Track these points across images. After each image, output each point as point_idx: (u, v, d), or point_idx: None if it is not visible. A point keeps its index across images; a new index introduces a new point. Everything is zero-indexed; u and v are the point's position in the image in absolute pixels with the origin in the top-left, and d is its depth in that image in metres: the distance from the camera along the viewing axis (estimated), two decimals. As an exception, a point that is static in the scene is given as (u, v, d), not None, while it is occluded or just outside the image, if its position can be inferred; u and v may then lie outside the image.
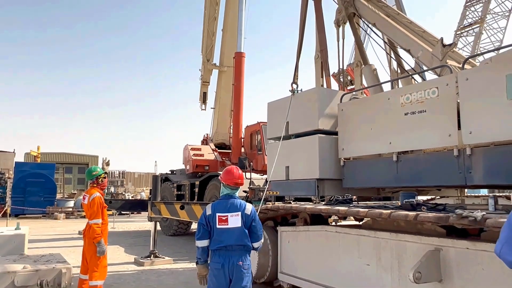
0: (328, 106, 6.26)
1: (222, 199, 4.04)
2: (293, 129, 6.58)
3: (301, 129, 6.43)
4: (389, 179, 5.30)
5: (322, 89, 6.89)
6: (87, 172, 5.95)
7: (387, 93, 5.85)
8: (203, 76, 19.43)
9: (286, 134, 6.65)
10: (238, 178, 4.05)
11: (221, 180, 4.10)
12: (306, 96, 6.54)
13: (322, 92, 6.53)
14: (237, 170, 4.11)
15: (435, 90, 4.69)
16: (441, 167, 4.65)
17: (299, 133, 6.50)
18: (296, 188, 6.45)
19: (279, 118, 6.81)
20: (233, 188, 4.04)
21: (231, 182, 4.03)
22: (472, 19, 29.85)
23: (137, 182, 51.05)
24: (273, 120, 7.07)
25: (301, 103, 6.53)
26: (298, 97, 6.67)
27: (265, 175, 10.75)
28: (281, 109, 6.80)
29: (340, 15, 7.67)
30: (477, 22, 29.37)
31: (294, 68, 7.76)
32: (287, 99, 6.78)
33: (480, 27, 29.10)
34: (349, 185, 5.95)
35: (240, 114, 14.96)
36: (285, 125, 6.61)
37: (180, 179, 15.08)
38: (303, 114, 6.43)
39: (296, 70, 7.71)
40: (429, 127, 4.73)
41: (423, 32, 6.55)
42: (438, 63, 5.62)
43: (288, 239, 6.19)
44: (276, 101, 7.11)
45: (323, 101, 6.26)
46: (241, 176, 4.09)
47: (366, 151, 5.60)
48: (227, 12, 16.77)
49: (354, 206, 5.16)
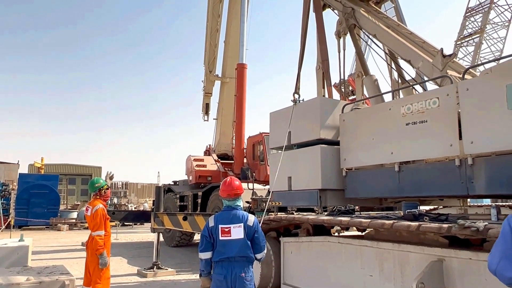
0: (330, 116, 6.28)
1: (224, 210, 4.03)
2: (295, 138, 6.59)
3: (303, 138, 6.44)
4: (391, 189, 5.29)
5: (323, 98, 6.92)
6: (90, 184, 5.94)
7: (388, 103, 5.87)
8: (205, 87, 19.53)
9: (288, 144, 6.67)
10: (236, 189, 4.02)
11: (220, 193, 4.09)
12: (308, 105, 6.57)
13: (324, 102, 6.55)
14: (234, 180, 4.09)
15: (436, 100, 4.71)
16: (443, 177, 4.65)
17: (301, 143, 6.52)
18: (299, 199, 6.44)
19: (281, 127, 6.83)
20: (233, 199, 4.02)
21: (230, 193, 4.01)
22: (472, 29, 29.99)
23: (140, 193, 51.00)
24: (276, 130, 7.09)
25: (303, 112, 6.56)
26: (300, 106, 6.69)
27: (268, 185, 10.75)
28: (283, 118, 6.83)
29: (341, 27, 7.73)
30: (477, 32, 29.48)
31: (296, 78, 7.80)
32: (289, 108, 6.80)
33: (480, 37, 29.20)
34: (351, 195, 5.94)
35: (243, 124, 14.99)
36: (287, 135, 6.63)
37: (183, 190, 15.07)
38: (305, 123, 6.45)
39: (298, 80, 7.75)
40: (431, 137, 4.73)
41: (423, 42, 6.59)
42: (438, 74, 5.65)
43: (291, 250, 6.16)
44: (278, 111, 7.14)
45: (325, 110, 6.29)
46: (239, 187, 4.05)
47: (368, 161, 5.60)
48: (229, 24, 16.93)
49: (357, 216, 5.15)
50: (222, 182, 4.12)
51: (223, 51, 17.73)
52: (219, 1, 17.65)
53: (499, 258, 2.02)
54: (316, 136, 6.17)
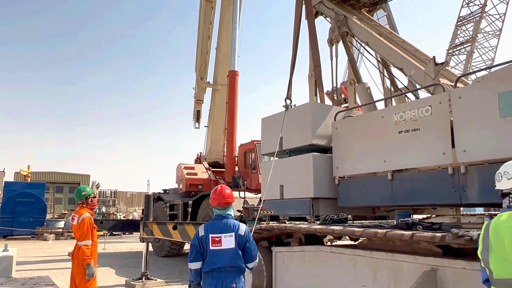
0: (322, 121, 6.31)
1: (215, 219, 3.99)
2: (287, 144, 6.60)
3: (295, 144, 6.45)
4: (384, 198, 5.30)
5: (315, 103, 6.95)
6: (76, 192, 5.82)
7: (381, 111, 5.90)
8: (196, 94, 19.54)
9: (280, 150, 6.67)
10: (227, 197, 3.98)
11: (210, 202, 4.06)
12: (300, 111, 6.59)
13: (316, 107, 6.57)
14: (225, 189, 4.06)
15: (429, 108, 4.75)
16: (436, 186, 4.67)
17: (293, 148, 6.53)
18: (291, 208, 6.42)
19: (273, 133, 6.84)
20: (224, 208, 3.98)
21: (220, 202, 3.97)
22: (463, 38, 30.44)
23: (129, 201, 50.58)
24: (267, 136, 7.09)
25: (295, 118, 6.57)
26: (292, 112, 6.71)
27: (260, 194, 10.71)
28: (275, 124, 6.84)
29: (333, 34, 7.79)
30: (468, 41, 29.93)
31: (288, 84, 7.82)
32: (281, 114, 6.82)
33: (471, 46, 29.64)
34: (344, 204, 5.94)
35: (234, 132, 14.97)
36: (279, 140, 6.64)
37: (173, 199, 14.98)
38: (297, 129, 6.46)
39: (289, 86, 7.78)
40: (423, 145, 4.76)
41: (415, 51, 6.66)
42: (430, 82, 5.70)
43: (283, 260, 6.12)
44: (270, 116, 7.15)
45: (317, 115, 6.31)
46: (229, 195, 4.02)
47: (361, 170, 5.61)
48: (221, 31, 16.98)
49: (349, 225, 5.13)
50: (213, 191, 4.09)
51: (214, 58, 17.77)
52: (211, 7, 17.74)
53: None
54: (308, 142, 6.18)
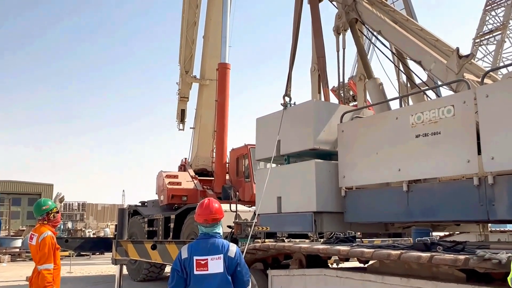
0: (326, 122, 6.34)
1: (200, 239, 3.95)
2: (286, 148, 6.61)
3: (295, 148, 6.47)
4: (399, 213, 5.31)
5: (318, 101, 6.96)
6: (36, 207, 5.68)
7: (395, 111, 5.93)
8: (180, 90, 19.47)
9: (277, 154, 6.68)
10: (215, 213, 3.94)
11: (195, 218, 4.02)
12: (300, 110, 6.61)
13: (319, 105, 6.59)
14: (213, 202, 4.02)
15: (451, 109, 4.76)
16: (459, 199, 4.68)
17: (292, 153, 6.54)
18: (290, 223, 6.42)
19: (269, 136, 6.86)
20: (211, 225, 3.94)
21: (207, 218, 3.93)
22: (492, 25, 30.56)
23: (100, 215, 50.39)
24: (263, 138, 7.11)
25: (295, 118, 6.59)
26: (291, 111, 6.73)
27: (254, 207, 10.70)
28: (271, 125, 6.86)
29: (340, 21, 7.79)
30: (498, 29, 30.01)
31: (287, 78, 7.84)
32: (278, 113, 6.84)
33: (502, 34, 29.71)
34: (352, 220, 5.95)
35: (225, 135, 14.97)
36: (276, 144, 6.65)
37: (152, 213, 14.93)
38: (296, 130, 6.48)
39: (289, 80, 7.79)
40: (445, 151, 4.77)
41: (436, 41, 6.68)
42: (453, 77, 5.72)
43: (280, 285, 6.12)
44: (266, 116, 7.17)
45: (320, 115, 6.33)
46: (218, 210, 3.98)
47: (372, 180, 5.62)
48: (209, 16, 16.95)
49: (358, 245, 5.13)
50: (199, 205, 4.05)
51: (202, 48, 17.76)
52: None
53: None
54: (309, 146, 6.20)
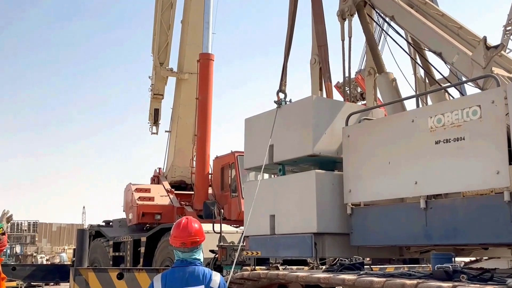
0: (328, 122, 6.35)
1: (177, 266, 3.99)
2: (280, 154, 6.63)
3: (291, 154, 6.48)
4: (416, 234, 5.33)
5: (319, 98, 6.98)
6: None
7: (410, 112, 5.95)
8: (154, 86, 19.41)
9: (270, 162, 6.69)
10: (194, 235, 3.97)
11: (171, 241, 4.06)
12: (298, 108, 6.63)
13: (320, 103, 6.60)
14: (192, 222, 4.05)
15: (477, 110, 4.79)
16: (487, 217, 4.70)
17: (288, 160, 6.55)
18: (285, 247, 6.42)
19: (260, 140, 6.87)
20: (190, 249, 3.97)
21: (185, 240, 3.96)
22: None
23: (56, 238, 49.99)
24: (252, 143, 7.11)
25: (291, 118, 6.63)
26: (286, 110, 6.76)
27: (242, 227, 10.71)
28: (263, 127, 6.88)
29: (346, 4, 7.84)
30: (535, 14, 30.20)
31: (282, 70, 7.86)
32: (271, 113, 6.86)
33: (540, 20, 29.91)
34: (359, 243, 5.96)
35: (207, 139, 14.99)
36: (269, 149, 6.66)
37: (119, 234, 14.89)
38: (293, 133, 6.50)
39: (284, 73, 7.82)
40: (470, 161, 4.80)
41: (459, 28, 6.75)
42: (480, 72, 5.77)
43: (274, 322, 6.12)
44: (257, 116, 7.20)
45: (321, 114, 6.35)
46: (198, 231, 4.01)
47: (383, 194, 5.64)
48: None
49: (366, 273, 5.15)
50: (175, 225, 4.09)
51: (179, 36, 17.76)
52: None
53: None
54: (308, 151, 6.21)
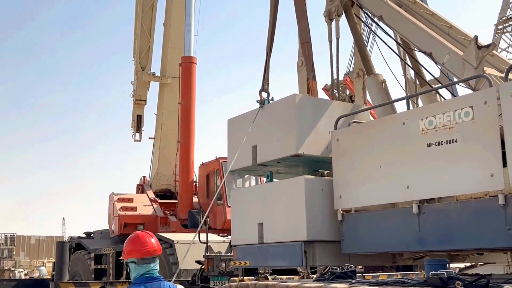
0: (313, 121, 6.38)
1: (140, 282, 4.02)
2: (263, 155, 6.65)
3: (274, 155, 6.49)
4: (409, 240, 5.33)
5: (303, 96, 6.99)
6: None
7: (401, 115, 5.97)
8: (136, 91, 19.40)
9: (253, 164, 6.72)
10: (151, 245, 4.06)
11: (125, 256, 4.11)
12: (281, 107, 6.67)
13: (303, 101, 6.60)
14: (146, 235, 4.16)
15: (469, 111, 4.81)
16: (482, 222, 4.72)
17: (271, 161, 6.56)
18: (275, 256, 6.41)
19: (243, 140, 6.87)
20: (149, 262, 4.03)
21: (145, 251, 4.02)
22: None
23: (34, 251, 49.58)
24: (235, 145, 7.09)
25: (274, 117, 6.67)
26: (269, 109, 6.80)
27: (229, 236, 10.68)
28: (246, 127, 6.90)
29: (333, 4, 7.86)
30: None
31: (264, 69, 7.87)
32: (254, 113, 6.91)
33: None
34: (351, 250, 5.95)
35: (191, 146, 14.97)
36: (252, 150, 6.69)
37: (101, 246, 14.80)
38: (276, 133, 6.53)
39: (266, 71, 7.83)
40: (463, 163, 4.81)
41: (449, 28, 6.78)
42: (472, 72, 5.80)
43: (263, 334, 6.08)
44: (239, 116, 7.23)
45: (305, 113, 6.37)
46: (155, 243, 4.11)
47: (374, 200, 5.64)
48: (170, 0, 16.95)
49: (359, 282, 5.15)
50: (127, 241, 4.15)
51: (162, 39, 17.73)
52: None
53: None
54: (292, 151, 6.22)
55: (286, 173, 7.12)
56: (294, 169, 6.92)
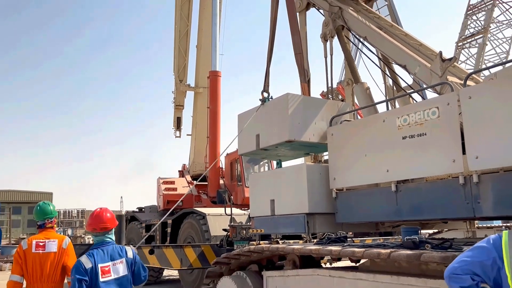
0: (301, 114, 6.35)
1: (97, 247, 4.10)
2: (264, 141, 6.65)
3: (272, 141, 6.48)
4: (389, 212, 5.30)
5: (293, 94, 6.97)
6: (40, 211, 5.02)
7: (382, 114, 5.93)
8: (176, 98, 19.47)
9: (257, 149, 6.73)
10: (105, 222, 4.14)
11: (89, 228, 4.19)
12: (276, 103, 6.65)
13: (293, 98, 6.54)
14: (104, 212, 4.20)
15: (435, 111, 4.77)
16: (446, 197, 4.68)
17: (270, 146, 6.56)
18: (283, 225, 6.40)
19: (250, 130, 6.90)
20: (101, 234, 4.13)
21: (95, 227, 4.11)
22: (474, 29, 30.74)
23: (100, 222, 49.98)
24: (244, 134, 7.12)
25: (272, 111, 6.64)
26: (268, 105, 6.80)
27: (248, 210, 10.69)
28: (251, 120, 6.92)
29: (327, 28, 7.80)
30: (480, 32, 30.19)
31: (265, 74, 7.86)
32: (256, 109, 6.91)
33: (483, 37, 29.89)
34: (343, 220, 5.93)
35: (217, 140, 14.97)
36: (256, 138, 6.72)
37: (150, 218, 14.85)
38: (273, 124, 6.51)
39: (267, 76, 7.82)
40: (431, 152, 4.77)
41: (419, 45, 6.70)
42: (437, 80, 5.73)
43: (275, 285, 6.08)
44: (247, 112, 7.20)
45: (295, 108, 6.34)
46: (109, 220, 4.18)
47: (361, 181, 5.62)
48: (201, 27, 16.96)
49: (349, 245, 5.12)
50: (91, 216, 4.22)
51: (195, 58, 17.75)
52: (188, 0, 17.72)
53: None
54: (285, 138, 6.20)
55: (284, 155, 7.14)
56: (290, 152, 6.93)
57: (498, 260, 2.38)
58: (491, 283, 2.43)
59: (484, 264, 2.42)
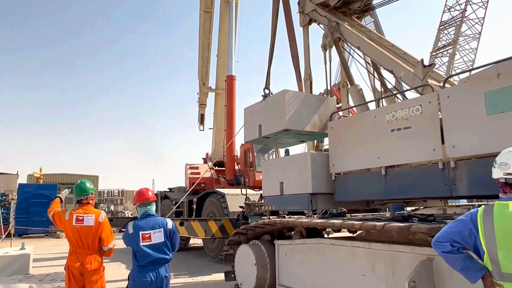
0: (295, 107, 6.31)
1: (142, 218, 4.19)
2: (265, 131, 6.63)
3: (272, 130, 6.46)
4: (378, 192, 5.29)
5: (288, 91, 6.91)
6: (78, 188, 4.67)
7: (374, 111, 5.88)
8: (199, 98, 19.62)
9: (259, 137, 6.72)
10: (147, 196, 4.25)
11: (135, 203, 4.29)
12: (275, 98, 6.62)
13: (289, 94, 6.46)
14: (146, 190, 4.33)
15: (419, 108, 4.73)
16: (427, 180, 4.66)
17: (270, 134, 6.54)
18: (291, 203, 6.41)
19: (254, 121, 6.90)
20: (146, 205, 4.22)
21: (142, 199, 4.22)
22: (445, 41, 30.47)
23: (136, 200, 50.27)
24: (249, 124, 7.12)
25: (271, 105, 6.61)
26: (269, 100, 6.77)
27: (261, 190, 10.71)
28: (255, 113, 6.91)
29: (327, 40, 7.74)
30: (450, 44, 29.97)
31: (266, 74, 7.83)
32: (258, 103, 6.92)
33: (453, 48, 29.68)
34: (340, 199, 5.93)
35: (233, 133, 14.96)
36: (258, 128, 6.71)
37: (178, 197, 14.91)
38: (273, 115, 6.48)
39: (268, 76, 7.78)
40: (415, 142, 4.74)
41: (404, 54, 6.64)
42: (419, 83, 5.68)
43: (285, 252, 6.11)
44: (251, 106, 7.19)
45: (291, 102, 6.30)
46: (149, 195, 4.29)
47: (356, 166, 5.60)
48: (220, 39, 16.97)
49: (349, 219, 5.12)
50: (137, 193, 4.32)
51: (216, 65, 17.76)
52: (209, 17, 17.78)
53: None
54: (282, 127, 6.18)
55: (283, 143, 7.12)
56: (288, 139, 6.89)
57: (474, 230, 2.45)
58: (472, 249, 2.52)
59: (462, 234, 2.49)
